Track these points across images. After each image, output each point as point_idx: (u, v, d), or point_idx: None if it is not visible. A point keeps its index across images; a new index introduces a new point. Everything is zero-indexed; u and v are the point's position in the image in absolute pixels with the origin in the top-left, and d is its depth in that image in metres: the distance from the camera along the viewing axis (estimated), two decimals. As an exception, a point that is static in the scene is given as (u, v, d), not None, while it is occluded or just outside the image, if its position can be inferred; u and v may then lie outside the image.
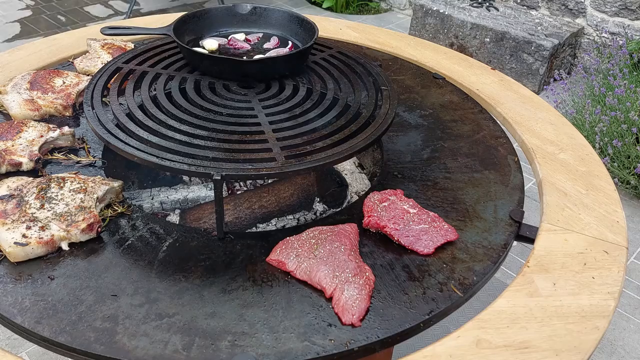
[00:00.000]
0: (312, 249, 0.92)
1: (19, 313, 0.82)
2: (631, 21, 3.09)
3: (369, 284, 0.87)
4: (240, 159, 0.94)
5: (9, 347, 1.66)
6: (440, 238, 0.97)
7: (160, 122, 1.04)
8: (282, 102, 1.13)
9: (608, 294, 0.90)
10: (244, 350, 0.78)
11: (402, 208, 1.00)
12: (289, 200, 1.22)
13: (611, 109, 2.40)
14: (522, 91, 1.47)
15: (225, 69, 1.17)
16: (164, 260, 0.92)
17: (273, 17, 1.36)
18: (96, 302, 0.84)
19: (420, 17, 3.51)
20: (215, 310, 0.84)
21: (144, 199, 1.18)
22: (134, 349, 0.77)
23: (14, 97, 1.24)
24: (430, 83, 1.50)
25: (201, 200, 1.21)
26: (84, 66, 1.41)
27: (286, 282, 0.89)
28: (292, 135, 1.02)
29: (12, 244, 0.88)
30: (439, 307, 0.86)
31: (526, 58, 3.10)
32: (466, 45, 3.32)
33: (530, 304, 0.87)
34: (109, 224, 0.99)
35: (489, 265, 0.95)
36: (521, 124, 1.33)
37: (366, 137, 1.02)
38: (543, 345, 0.81)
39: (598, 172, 1.18)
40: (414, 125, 1.33)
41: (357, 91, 1.17)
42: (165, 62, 1.24)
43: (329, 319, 0.83)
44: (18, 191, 0.98)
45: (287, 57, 1.21)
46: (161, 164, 0.92)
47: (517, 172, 1.17)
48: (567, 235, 1.01)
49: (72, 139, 1.17)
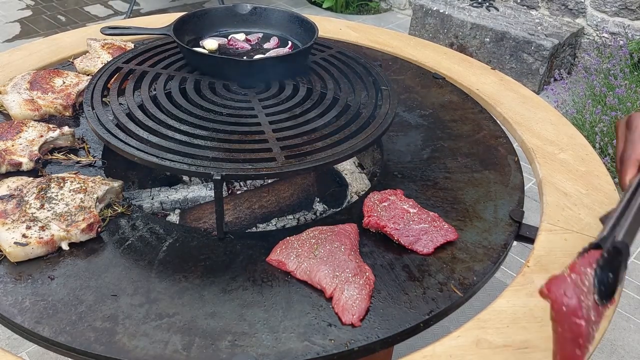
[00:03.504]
0: (312, 249, 0.92)
1: (19, 313, 0.82)
2: (631, 21, 3.09)
3: (369, 284, 0.87)
4: (240, 159, 0.94)
5: (9, 347, 1.66)
6: (440, 238, 0.97)
7: (160, 122, 1.04)
8: (282, 102, 1.13)
9: (608, 294, 0.90)
10: (244, 350, 0.78)
11: (402, 208, 1.00)
12: (289, 200, 1.22)
13: (612, 109, 2.40)
14: (522, 91, 1.47)
15: (225, 69, 1.17)
16: (164, 260, 0.92)
17: (273, 17, 1.36)
18: (96, 302, 0.84)
19: (420, 17, 3.51)
20: (215, 310, 0.84)
21: (144, 199, 1.18)
22: (134, 349, 0.77)
23: (14, 97, 1.24)
24: (430, 83, 1.50)
25: (201, 200, 1.21)
26: (84, 66, 1.41)
27: (286, 282, 0.89)
28: (292, 135, 1.02)
29: (12, 244, 0.88)
30: (439, 307, 0.86)
31: (526, 58, 3.10)
32: (466, 45, 3.32)
33: (530, 304, 0.87)
34: (109, 224, 0.99)
35: (489, 265, 0.95)
36: (521, 124, 1.33)
37: (366, 137, 1.02)
38: (543, 345, 0.81)
39: (598, 172, 1.18)
40: (414, 125, 1.33)
41: (357, 91, 1.17)
42: (165, 62, 1.24)
43: (329, 319, 0.83)
44: (18, 191, 0.98)
45: (287, 57, 1.21)
46: (161, 163, 0.92)
47: (517, 172, 1.17)
48: (567, 235, 1.01)
49: (72, 139, 1.17)
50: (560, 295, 0.62)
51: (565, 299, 0.62)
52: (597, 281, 0.63)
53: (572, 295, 0.61)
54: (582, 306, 0.61)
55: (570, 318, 0.61)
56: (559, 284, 0.63)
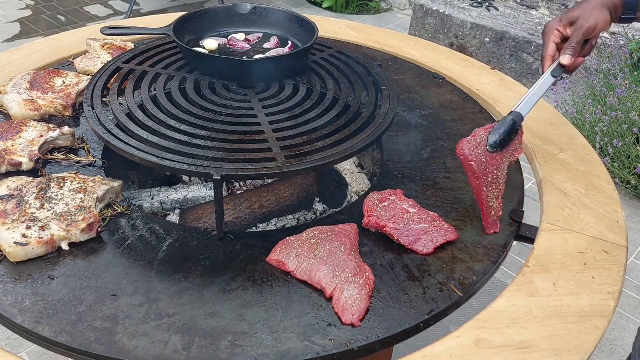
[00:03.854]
0: (312, 249, 0.92)
1: (19, 313, 0.82)
2: (631, 21, 3.08)
3: (369, 284, 0.87)
4: (240, 159, 0.94)
5: (9, 347, 1.66)
6: (440, 238, 0.96)
7: (160, 122, 1.04)
8: (282, 102, 1.13)
9: (608, 294, 0.90)
10: (244, 350, 0.78)
11: (402, 208, 1.00)
12: (289, 200, 1.22)
13: (612, 109, 2.40)
14: (522, 91, 1.47)
15: (225, 69, 1.17)
16: (164, 260, 0.92)
17: (273, 17, 1.36)
18: (96, 302, 0.84)
19: (420, 17, 3.51)
20: (215, 310, 0.84)
21: (144, 199, 1.18)
22: (134, 349, 0.77)
23: (14, 97, 1.24)
24: (430, 83, 1.50)
25: (201, 200, 1.21)
26: (84, 66, 1.41)
27: (286, 282, 0.89)
28: (292, 135, 1.02)
29: (12, 244, 0.88)
30: (439, 307, 0.86)
31: (526, 58, 3.10)
32: (466, 45, 3.32)
33: (530, 304, 0.87)
34: (109, 224, 0.99)
35: (489, 265, 0.95)
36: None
37: (366, 137, 1.02)
38: (543, 345, 0.81)
39: (598, 172, 1.18)
40: (414, 125, 1.33)
41: (357, 91, 1.17)
42: (165, 62, 1.24)
43: (329, 319, 0.83)
44: (18, 191, 0.98)
45: (287, 57, 1.21)
46: (161, 163, 0.92)
47: (517, 172, 1.17)
48: (567, 235, 1.01)
49: (72, 139, 1.17)
50: (460, 150, 0.98)
51: (462, 151, 0.98)
52: (488, 138, 0.98)
53: (465, 148, 0.98)
54: (472, 154, 0.97)
55: (465, 162, 0.98)
56: (461, 143, 0.98)
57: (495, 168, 0.99)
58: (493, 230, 1.01)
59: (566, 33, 1.08)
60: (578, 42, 1.05)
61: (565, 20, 1.07)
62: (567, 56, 1.05)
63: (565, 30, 1.08)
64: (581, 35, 1.04)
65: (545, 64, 1.08)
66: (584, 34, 1.05)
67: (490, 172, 0.99)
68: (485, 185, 0.99)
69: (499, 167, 1.00)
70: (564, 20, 1.08)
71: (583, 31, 1.04)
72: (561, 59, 1.06)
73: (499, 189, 1.01)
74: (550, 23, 1.10)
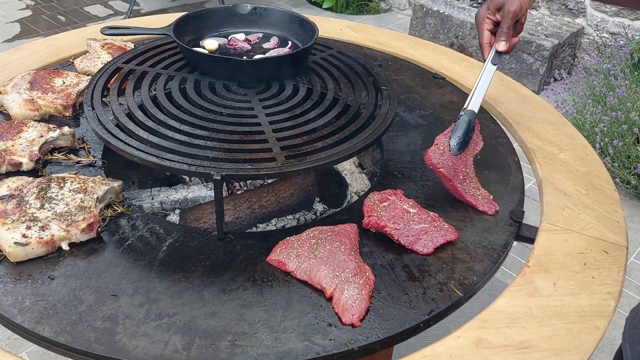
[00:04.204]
0: (312, 249, 0.92)
1: (19, 313, 0.82)
2: (631, 21, 3.09)
3: (369, 284, 0.87)
4: (240, 159, 0.94)
5: (9, 347, 1.66)
6: (440, 238, 0.96)
7: (160, 122, 1.04)
8: (282, 102, 1.13)
9: (608, 294, 0.90)
10: (244, 350, 0.78)
11: (402, 208, 1.00)
12: (289, 200, 1.22)
13: (612, 109, 2.40)
14: (522, 91, 1.47)
15: (225, 69, 1.17)
16: (164, 260, 0.92)
17: (273, 17, 1.36)
18: (96, 302, 0.84)
19: (420, 17, 3.51)
20: (215, 310, 0.84)
21: (144, 199, 1.18)
22: (134, 349, 0.77)
23: (14, 97, 1.24)
24: (430, 83, 1.50)
25: (201, 200, 1.21)
26: (84, 66, 1.41)
27: (286, 282, 0.89)
28: (292, 135, 1.02)
29: (12, 244, 0.88)
30: (439, 307, 0.86)
31: (526, 58, 3.10)
32: (466, 45, 3.33)
33: (530, 304, 0.87)
34: (109, 224, 0.99)
35: (489, 265, 0.95)
36: (521, 124, 1.33)
37: (366, 137, 1.02)
38: (543, 345, 0.81)
39: (598, 172, 1.18)
40: (414, 125, 1.33)
41: (357, 91, 1.17)
42: (165, 62, 1.24)
43: (329, 319, 0.83)
44: (18, 191, 0.98)
45: (287, 57, 1.21)
46: (161, 164, 0.92)
47: (517, 172, 1.17)
48: (567, 235, 1.01)
49: (72, 139, 1.17)
50: (428, 160, 1.03)
51: (430, 160, 1.02)
52: (449, 143, 1.03)
53: (432, 157, 1.02)
54: (438, 162, 1.02)
55: (435, 170, 1.03)
56: (427, 154, 1.03)
57: (464, 166, 1.05)
58: (494, 210, 1.05)
59: (496, 18, 1.12)
60: (509, 27, 1.10)
61: (492, 7, 1.11)
62: (501, 42, 1.10)
63: (494, 17, 1.12)
64: (509, 19, 1.09)
65: (484, 51, 1.13)
66: (512, 18, 1.09)
67: (460, 171, 1.05)
68: (460, 183, 1.05)
69: (466, 165, 1.06)
70: (491, 7, 1.12)
71: (510, 15, 1.08)
72: (497, 47, 1.11)
73: (474, 182, 1.07)
74: (479, 12, 1.14)
